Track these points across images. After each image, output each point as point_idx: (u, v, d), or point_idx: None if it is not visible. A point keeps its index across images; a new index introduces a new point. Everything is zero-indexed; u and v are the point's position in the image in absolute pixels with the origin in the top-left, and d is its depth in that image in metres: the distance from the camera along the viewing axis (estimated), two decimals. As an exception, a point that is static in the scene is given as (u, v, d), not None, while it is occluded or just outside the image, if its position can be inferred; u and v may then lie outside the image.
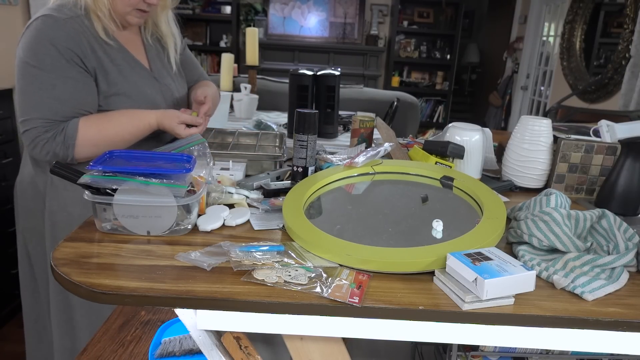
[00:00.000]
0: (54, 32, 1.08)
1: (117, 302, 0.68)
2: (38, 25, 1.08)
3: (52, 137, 1.08)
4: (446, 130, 1.27)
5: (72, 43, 1.09)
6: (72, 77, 1.10)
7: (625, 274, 0.79)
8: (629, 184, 1.07)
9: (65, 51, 1.08)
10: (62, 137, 1.08)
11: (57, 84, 1.08)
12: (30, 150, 1.11)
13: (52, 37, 1.07)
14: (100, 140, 1.12)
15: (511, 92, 4.98)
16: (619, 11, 3.26)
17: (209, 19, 5.44)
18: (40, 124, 1.08)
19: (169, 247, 0.81)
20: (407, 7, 5.51)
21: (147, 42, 1.31)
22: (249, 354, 0.77)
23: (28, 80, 1.09)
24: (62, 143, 1.09)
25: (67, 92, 1.09)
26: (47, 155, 1.10)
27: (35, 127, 1.08)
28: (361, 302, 0.67)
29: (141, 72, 1.25)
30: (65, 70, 1.09)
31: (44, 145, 1.09)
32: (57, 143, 1.08)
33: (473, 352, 0.96)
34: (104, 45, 1.16)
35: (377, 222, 0.90)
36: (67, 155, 1.10)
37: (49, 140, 1.08)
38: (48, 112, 1.08)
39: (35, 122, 1.08)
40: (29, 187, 1.25)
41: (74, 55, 1.09)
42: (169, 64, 1.35)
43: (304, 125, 1.10)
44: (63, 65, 1.08)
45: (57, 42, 1.07)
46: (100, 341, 1.15)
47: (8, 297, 2.16)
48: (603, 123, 1.25)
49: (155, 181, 0.82)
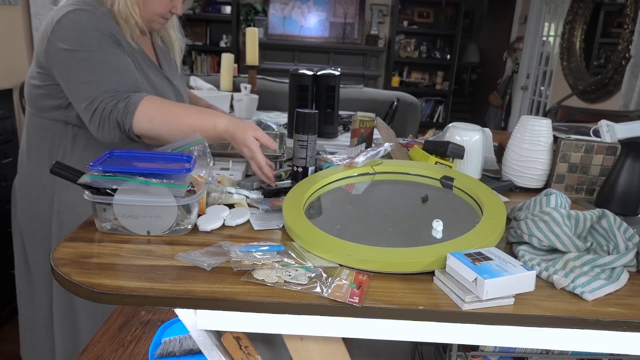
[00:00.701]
0: (93, 20, 1.09)
1: (117, 302, 0.68)
2: (73, 17, 1.08)
3: (116, 105, 1.04)
4: (446, 130, 1.27)
5: (113, 29, 1.12)
6: (120, 53, 1.12)
7: (625, 274, 0.79)
8: (629, 184, 1.07)
9: (108, 35, 1.10)
10: (125, 103, 1.04)
11: (110, 59, 1.08)
12: (100, 131, 1.06)
13: (93, 24, 1.09)
14: (157, 117, 1.06)
15: (511, 92, 4.98)
16: (619, 11, 3.26)
17: (209, 19, 5.44)
18: (107, 96, 1.05)
19: (169, 247, 0.81)
20: (407, 7, 5.52)
21: (157, 45, 1.36)
22: (249, 354, 0.77)
23: (80, 66, 1.06)
24: (123, 109, 1.04)
25: (121, 63, 1.10)
26: (112, 129, 1.05)
27: (101, 101, 1.04)
28: (361, 302, 0.67)
29: (157, 74, 1.29)
30: (113, 48, 1.10)
31: (109, 115, 1.04)
32: (119, 110, 1.04)
33: (473, 352, 0.96)
34: (127, 46, 1.18)
35: (377, 222, 0.90)
36: (125, 123, 1.04)
37: (113, 109, 1.04)
38: (111, 84, 1.06)
39: (101, 98, 1.05)
40: (32, 188, 1.24)
41: (115, 39, 1.12)
42: (175, 66, 1.40)
43: (304, 125, 1.10)
44: (110, 44, 1.10)
45: (99, 27, 1.09)
46: (100, 341, 1.15)
47: (8, 297, 2.16)
48: (603, 123, 1.25)
49: (155, 181, 0.82)
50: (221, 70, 3.14)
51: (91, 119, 1.06)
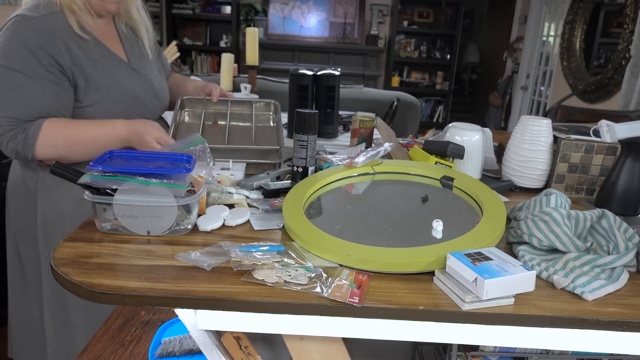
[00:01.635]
0: (25, 31, 1.07)
1: (117, 302, 0.68)
2: (10, 26, 1.08)
3: (15, 136, 1.08)
4: (446, 130, 1.27)
5: (44, 41, 1.08)
6: (42, 76, 1.09)
7: (625, 274, 0.79)
8: (629, 184, 1.07)
9: (36, 50, 1.07)
10: (24, 135, 1.08)
11: (24, 83, 1.07)
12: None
13: (24, 36, 1.06)
14: (59, 141, 1.10)
15: (511, 92, 4.98)
16: (619, 11, 3.26)
17: (209, 19, 5.44)
18: (6, 122, 1.07)
19: (169, 247, 0.81)
20: (407, 7, 5.52)
21: (122, 33, 1.30)
22: (249, 354, 0.77)
23: None
24: (23, 142, 1.08)
25: (33, 92, 1.08)
26: (11, 153, 1.10)
27: (1, 125, 1.07)
28: (361, 302, 0.67)
29: (119, 65, 1.24)
30: (35, 70, 1.08)
31: (7, 143, 1.08)
32: (19, 142, 1.08)
33: (473, 352, 0.96)
34: (79, 40, 1.15)
35: (377, 222, 0.90)
36: (26, 153, 1.09)
37: (11, 139, 1.08)
38: (13, 112, 1.07)
39: (1, 121, 1.07)
40: (20, 188, 1.24)
41: (45, 54, 1.08)
42: (145, 52, 1.34)
43: (304, 125, 1.10)
44: (33, 64, 1.07)
45: (28, 42, 1.07)
46: (100, 341, 1.15)
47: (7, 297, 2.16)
48: (603, 123, 1.25)
49: (155, 181, 0.82)
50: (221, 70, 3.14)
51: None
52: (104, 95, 1.18)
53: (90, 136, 1.13)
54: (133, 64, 1.28)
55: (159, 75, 1.38)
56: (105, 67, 1.19)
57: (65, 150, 1.11)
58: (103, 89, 1.18)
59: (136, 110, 1.26)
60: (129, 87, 1.23)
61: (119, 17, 1.30)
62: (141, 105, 1.28)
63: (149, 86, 1.31)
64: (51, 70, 1.10)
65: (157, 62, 1.42)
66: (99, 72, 1.17)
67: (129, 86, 1.24)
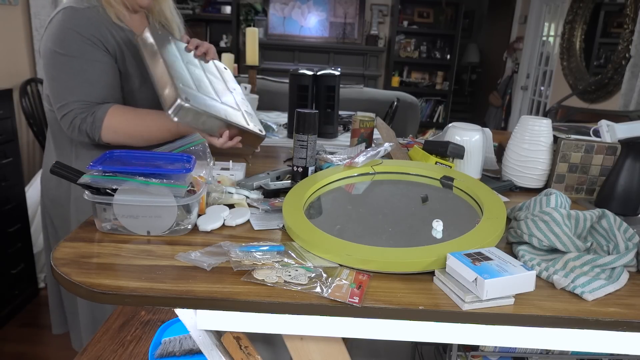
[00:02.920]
0: (76, 20, 1.14)
1: (117, 302, 0.68)
2: (60, 17, 1.15)
3: (85, 119, 1.14)
4: (446, 130, 1.27)
5: (94, 29, 1.16)
6: (99, 60, 1.16)
7: (625, 274, 0.79)
8: (629, 184, 1.07)
9: (89, 37, 1.14)
10: (92, 118, 1.14)
11: (86, 68, 1.14)
12: (70, 132, 1.17)
13: (76, 25, 1.14)
14: (120, 128, 1.17)
15: (511, 92, 4.98)
16: (619, 11, 3.26)
17: (209, 19, 5.44)
18: (77, 106, 1.14)
19: (169, 247, 0.81)
20: (407, 7, 5.51)
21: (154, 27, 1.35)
22: (249, 354, 0.77)
23: (59, 68, 1.14)
24: (91, 124, 1.14)
25: (95, 75, 1.16)
26: (82, 135, 1.16)
27: (72, 109, 1.14)
28: (361, 302, 0.67)
29: None
30: (92, 55, 1.15)
31: (79, 125, 1.14)
32: (88, 124, 1.14)
33: (473, 352, 0.96)
34: (119, 31, 1.22)
35: (377, 222, 0.90)
36: (94, 135, 1.15)
37: (82, 121, 1.14)
38: (82, 95, 1.14)
39: (72, 105, 1.14)
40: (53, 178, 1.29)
41: (97, 40, 1.16)
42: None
43: (304, 125, 1.10)
44: (89, 50, 1.15)
45: (81, 30, 1.14)
46: (100, 341, 1.15)
47: (8, 297, 2.16)
48: (603, 123, 1.25)
49: (155, 181, 0.82)
50: (221, 70, 3.14)
51: (62, 119, 1.16)
52: (135, 85, 1.24)
53: (146, 127, 1.18)
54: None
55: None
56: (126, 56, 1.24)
57: (124, 136, 1.17)
58: (135, 78, 1.24)
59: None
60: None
61: (153, 15, 1.37)
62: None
63: None
64: (104, 54, 1.18)
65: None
66: (134, 62, 1.24)
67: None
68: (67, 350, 1.97)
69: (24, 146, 2.90)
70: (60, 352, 1.99)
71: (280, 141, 1.86)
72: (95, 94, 1.15)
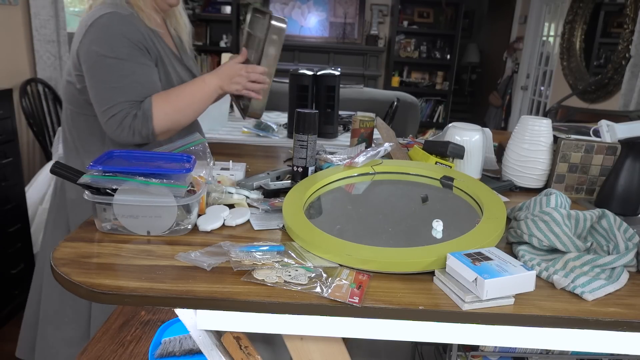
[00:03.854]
0: (124, 26, 1.18)
1: (117, 302, 0.68)
2: (106, 22, 1.18)
3: (135, 115, 1.17)
4: (446, 130, 1.27)
5: (140, 35, 1.20)
6: (145, 63, 1.21)
7: (625, 274, 0.79)
8: (629, 184, 1.07)
9: (136, 42, 1.19)
10: (142, 112, 1.17)
11: (135, 70, 1.19)
12: (118, 133, 1.17)
13: (124, 31, 1.18)
14: (169, 108, 1.20)
15: (511, 92, 4.98)
16: (619, 11, 3.26)
17: (209, 19, 5.44)
18: (127, 106, 1.16)
19: (169, 247, 0.81)
20: (407, 7, 5.51)
21: (172, 33, 1.42)
22: (249, 354, 0.77)
23: (107, 71, 1.16)
24: (142, 117, 1.17)
25: (144, 76, 1.20)
26: (133, 135, 1.17)
27: (122, 109, 1.16)
28: (361, 302, 0.67)
29: (179, 64, 1.36)
30: (140, 58, 1.20)
31: (130, 124, 1.16)
32: (138, 118, 1.17)
33: (473, 352, 0.96)
34: (152, 34, 1.26)
35: (377, 222, 0.90)
36: (148, 129, 1.17)
37: (133, 118, 1.17)
38: (133, 95, 1.18)
39: (122, 106, 1.16)
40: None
41: (141, 45, 1.21)
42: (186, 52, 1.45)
43: (304, 125, 1.10)
44: (137, 54, 1.19)
45: (128, 35, 1.18)
46: (100, 341, 1.14)
47: (8, 297, 2.17)
48: (603, 123, 1.25)
49: (155, 181, 0.82)
50: (221, 70, 3.13)
51: (108, 121, 1.16)
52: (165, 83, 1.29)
53: (191, 96, 1.24)
54: (183, 59, 1.40)
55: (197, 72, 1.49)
56: (173, 66, 1.32)
57: (175, 114, 1.21)
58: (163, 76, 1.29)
59: None
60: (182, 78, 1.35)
61: (169, 19, 1.42)
62: None
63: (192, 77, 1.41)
64: (149, 58, 1.24)
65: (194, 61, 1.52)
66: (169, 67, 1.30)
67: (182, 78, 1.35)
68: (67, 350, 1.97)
69: (24, 146, 2.90)
70: (60, 352, 1.98)
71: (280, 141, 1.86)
72: (143, 93, 1.19)
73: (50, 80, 3.06)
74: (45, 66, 3.02)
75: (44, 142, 2.93)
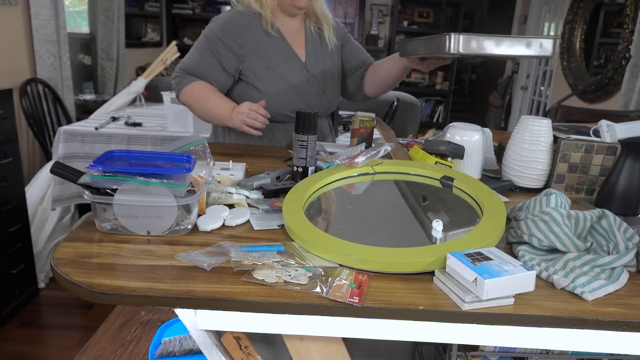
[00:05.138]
0: (229, 20, 1.45)
1: (117, 302, 0.68)
2: (225, 14, 1.48)
3: (178, 80, 1.49)
4: (446, 130, 1.27)
5: (237, 30, 1.43)
6: (217, 53, 1.44)
7: (625, 274, 0.79)
8: (629, 184, 1.07)
9: (227, 33, 1.43)
10: (181, 83, 1.48)
11: (205, 52, 1.45)
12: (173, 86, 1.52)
13: (226, 21, 1.45)
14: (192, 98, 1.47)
15: (511, 92, 4.98)
16: (619, 11, 3.26)
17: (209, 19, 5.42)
18: (181, 71, 1.49)
19: (169, 247, 0.81)
20: (407, 7, 5.51)
21: (309, 34, 1.54)
22: (249, 354, 0.77)
23: (196, 42, 1.49)
24: (178, 84, 1.48)
25: (205, 60, 1.46)
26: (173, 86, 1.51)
27: (179, 70, 1.49)
28: (361, 302, 0.67)
29: (294, 63, 1.49)
30: (218, 47, 1.44)
31: (174, 81, 1.50)
32: (178, 82, 1.48)
33: (473, 352, 0.96)
34: (265, 37, 1.45)
35: (377, 222, 0.90)
36: (177, 91, 1.50)
37: (176, 79, 1.49)
38: (188, 65, 1.48)
39: (181, 67, 1.49)
40: None
41: (231, 40, 1.43)
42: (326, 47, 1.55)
43: (304, 125, 1.10)
44: (218, 43, 1.44)
45: (225, 25, 1.44)
46: (100, 341, 1.15)
47: (8, 297, 2.17)
48: (603, 123, 1.25)
49: (155, 181, 0.82)
50: (221, 70, 3.13)
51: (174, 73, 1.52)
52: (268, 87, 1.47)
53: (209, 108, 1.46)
54: (308, 64, 1.52)
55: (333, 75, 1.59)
56: (279, 63, 1.47)
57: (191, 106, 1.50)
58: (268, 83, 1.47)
59: (298, 103, 1.50)
60: (295, 82, 1.49)
61: (309, 18, 1.54)
62: (303, 100, 1.52)
63: (316, 85, 1.53)
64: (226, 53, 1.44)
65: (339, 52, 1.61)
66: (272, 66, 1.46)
67: (295, 82, 1.49)
68: (67, 350, 1.97)
69: (24, 146, 2.90)
70: (60, 352, 1.99)
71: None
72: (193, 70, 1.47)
73: (50, 80, 3.06)
74: (45, 66, 3.02)
75: (44, 142, 2.93)
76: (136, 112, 2.94)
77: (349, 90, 1.69)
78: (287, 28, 1.49)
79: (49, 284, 2.48)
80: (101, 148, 2.43)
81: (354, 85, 1.66)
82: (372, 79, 1.63)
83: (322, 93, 1.55)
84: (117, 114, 2.83)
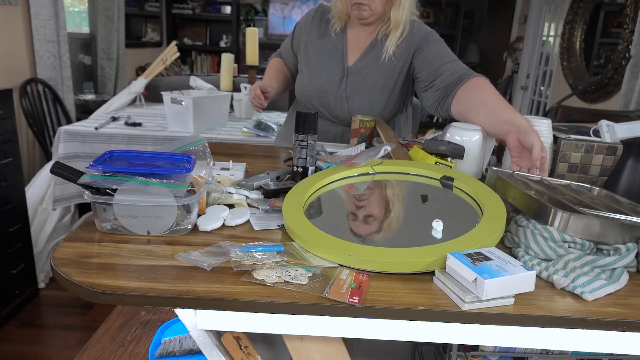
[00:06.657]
0: (310, 11, 1.66)
1: (117, 302, 0.68)
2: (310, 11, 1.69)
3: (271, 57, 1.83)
4: (446, 130, 1.27)
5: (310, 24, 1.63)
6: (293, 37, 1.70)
7: (626, 275, 0.79)
8: (630, 185, 1.07)
9: (302, 24, 1.67)
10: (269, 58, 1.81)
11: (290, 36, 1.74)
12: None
13: (308, 13, 1.67)
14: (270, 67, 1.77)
15: (511, 92, 4.98)
16: (619, 11, 3.26)
17: (209, 19, 5.44)
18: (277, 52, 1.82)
19: (169, 247, 0.81)
20: (407, 7, 5.51)
21: (374, 42, 1.54)
22: (249, 354, 0.77)
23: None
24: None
25: (287, 43, 1.74)
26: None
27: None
28: (361, 302, 0.67)
29: (335, 64, 1.56)
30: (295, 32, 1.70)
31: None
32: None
33: (473, 352, 0.96)
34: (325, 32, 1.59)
35: (377, 222, 0.90)
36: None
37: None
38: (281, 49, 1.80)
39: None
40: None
41: (302, 30, 1.65)
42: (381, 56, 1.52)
43: (304, 125, 1.10)
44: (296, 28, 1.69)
45: (307, 17, 1.66)
46: (100, 341, 1.15)
47: (8, 296, 2.17)
48: (603, 123, 1.25)
49: (155, 181, 0.82)
50: (221, 70, 3.14)
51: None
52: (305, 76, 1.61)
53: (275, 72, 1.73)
54: (352, 69, 1.55)
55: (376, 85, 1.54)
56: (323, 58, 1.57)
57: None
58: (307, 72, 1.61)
59: (319, 100, 1.59)
60: (326, 79, 1.56)
61: (384, 23, 1.53)
62: (323, 98, 1.58)
63: (343, 89, 1.55)
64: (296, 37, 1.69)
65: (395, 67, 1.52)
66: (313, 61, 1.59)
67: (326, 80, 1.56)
68: (67, 350, 1.97)
69: (24, 146, 2.90)
70: (60, 352, 1.99)
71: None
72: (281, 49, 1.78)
73: (50, 80, 3.07)
74: (45, 66, 3.02)
75: (44, 142, 2.93)
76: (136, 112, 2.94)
77: (428, 102, 1.46)
78: (356, 31, 1.56)
79: (49, 284, 2.48)
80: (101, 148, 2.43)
81: (432, 97, 1.44)
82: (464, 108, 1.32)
83: (345, 98, 1.55)
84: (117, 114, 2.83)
